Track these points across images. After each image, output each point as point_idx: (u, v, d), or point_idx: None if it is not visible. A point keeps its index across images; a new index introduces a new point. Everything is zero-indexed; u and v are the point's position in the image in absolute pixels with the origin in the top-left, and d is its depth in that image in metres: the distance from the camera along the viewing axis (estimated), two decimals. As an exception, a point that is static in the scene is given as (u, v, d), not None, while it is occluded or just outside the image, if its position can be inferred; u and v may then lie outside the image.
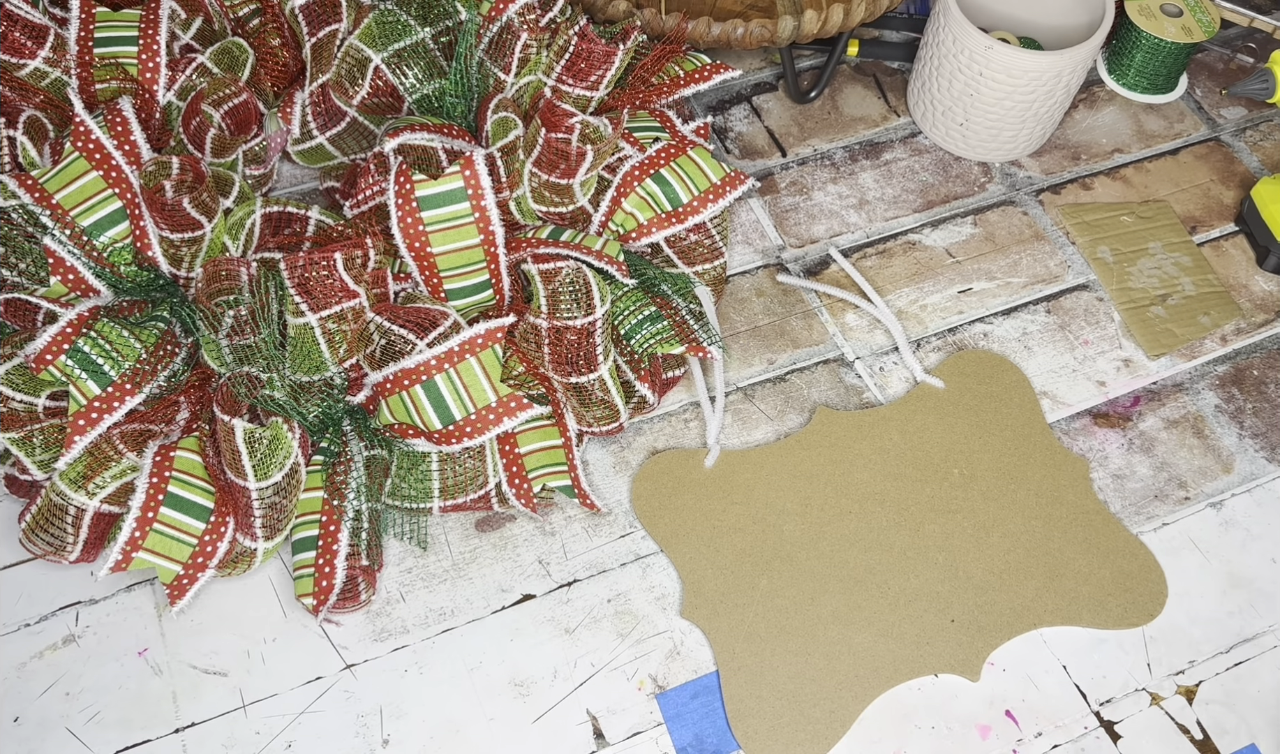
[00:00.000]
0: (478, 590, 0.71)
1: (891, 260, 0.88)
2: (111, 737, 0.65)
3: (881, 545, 0.73)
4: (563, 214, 0.80)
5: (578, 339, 0.70)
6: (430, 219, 0.74)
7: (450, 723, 0.66)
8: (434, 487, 0.72)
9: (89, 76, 0.81)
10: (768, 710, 0.67)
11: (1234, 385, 0.83)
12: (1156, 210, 0.92)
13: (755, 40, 0.88)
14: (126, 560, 0.65)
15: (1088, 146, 0.97)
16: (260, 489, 0.66)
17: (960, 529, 0.74)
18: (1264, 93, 0.99)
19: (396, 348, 0.70)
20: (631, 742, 0.66)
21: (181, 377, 0.72)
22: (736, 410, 0.80)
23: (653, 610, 0.70)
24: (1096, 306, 0.86)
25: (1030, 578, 0.72)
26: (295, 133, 0.88)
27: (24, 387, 0.68)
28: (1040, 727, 0.67)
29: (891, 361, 0.82)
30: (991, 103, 0.89)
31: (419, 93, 0.83)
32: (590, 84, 0.83)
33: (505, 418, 0.71)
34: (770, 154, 0.95)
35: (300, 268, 0.70)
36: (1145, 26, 0.96)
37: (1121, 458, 0.78)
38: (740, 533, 0.73)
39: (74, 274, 0.73)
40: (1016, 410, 0.79)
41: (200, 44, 0.87)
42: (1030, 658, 0.70)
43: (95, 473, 0.67)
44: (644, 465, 0.76)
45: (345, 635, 0.69)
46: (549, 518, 0.74)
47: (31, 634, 0.68)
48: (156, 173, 0.75)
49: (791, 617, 0.70)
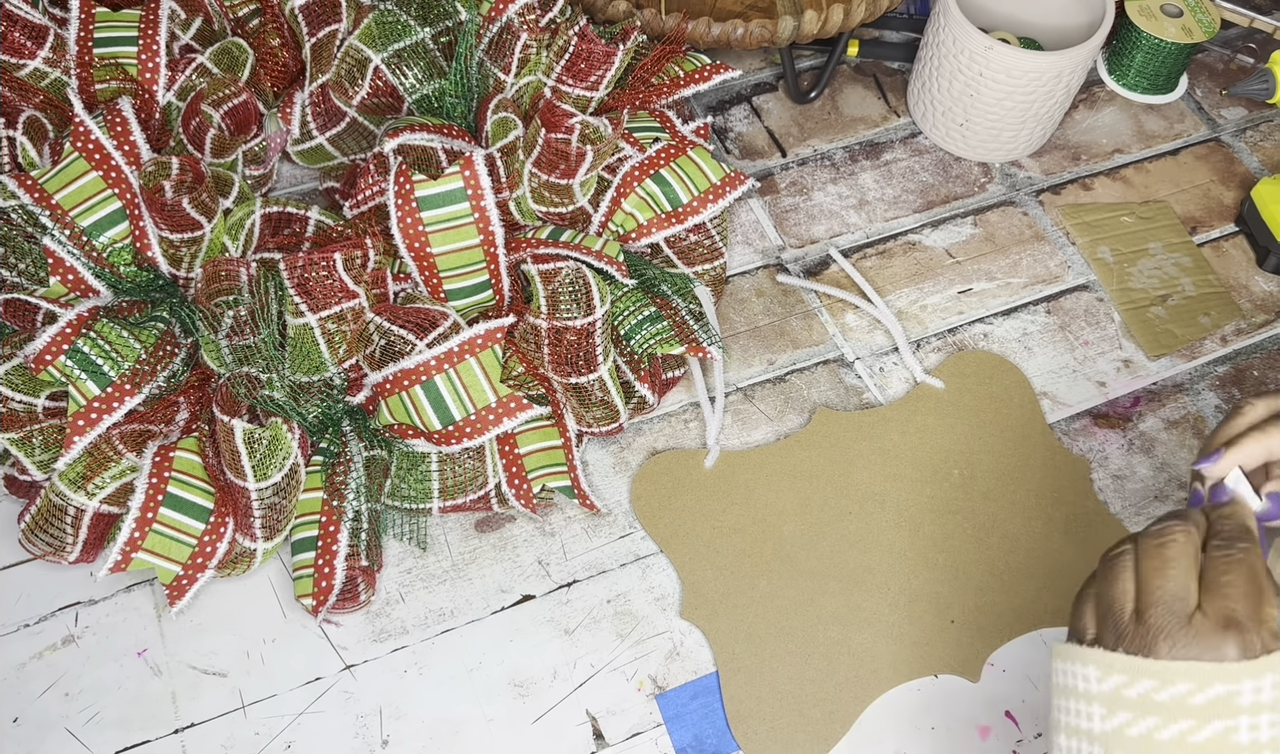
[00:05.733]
0: (477, 591, 0.71)
1: (891, 261, 0.88)
2: (111, 737, 0.65)
3: (881, 546, 0.73)
4: (562, 214, 0.80)
5: (577, 339, 0.70)
6: (430, 219, 0.74)
7: (450, 723, 0.66)
8: (434, 487, 0.72)
9: (89, 77, 0.81)
10: (767, 711, 0.66)
11: (1234, 386, 0.83)
12: (1156, 211, 0.92)
13: (755, 40, 0.88)
14: (126, 561, 0.65)
15: (1088, 147, 0.97)
16: (260, 490, 0.66)
17: (960, 530, 0.74)
18: (1264, 93, 0.99)
19: (396, 348, 0.70)
20: (631, 742, 0.66)
21: (181, 377, 0.72)
22: (736, 411, 0.80)
23: (652, 611, 0.70)
24: (1096, 307, 0.86)
25: (1030, 579, 0.72)
26: (295, 133, 0.88)
27: (23, 387, 0.68)
28: (1040, 727, 0.67)
29: (891, 362, 0.82)
30: (991, 103, 0.89)
31: (419, 93, 0.83)
32: (590, 84, 0.83)
33: (505, 418, 0.71)
34: (770, 154, 0.95)
35: (300, 268, 0.70)
36: (1145, 27, 0.96)
37: (1122, 458, 0.78)
38: (740, 533, 0.73)
39: (73, 274, 0.73)
40: (1016, 411, 0.79)
41: (200, 44, 0.87)
42: (1030, 658, 0.70)
43: (95, 473, 0.67)
44: (644, 466, 0.76)
45: (345, 636, 0.69)
46: (549, 518, 0.74)
47: (31, 634, 0.68)
48: (156, 173, 0.75)
49: (791, 617, 0.70)
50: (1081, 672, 0.46)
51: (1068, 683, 0.47)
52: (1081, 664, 0.46)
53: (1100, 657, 0.45)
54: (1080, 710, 0.46)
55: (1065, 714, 0.47)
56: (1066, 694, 0.47)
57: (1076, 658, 0.46)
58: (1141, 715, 0.44)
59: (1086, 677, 0.46)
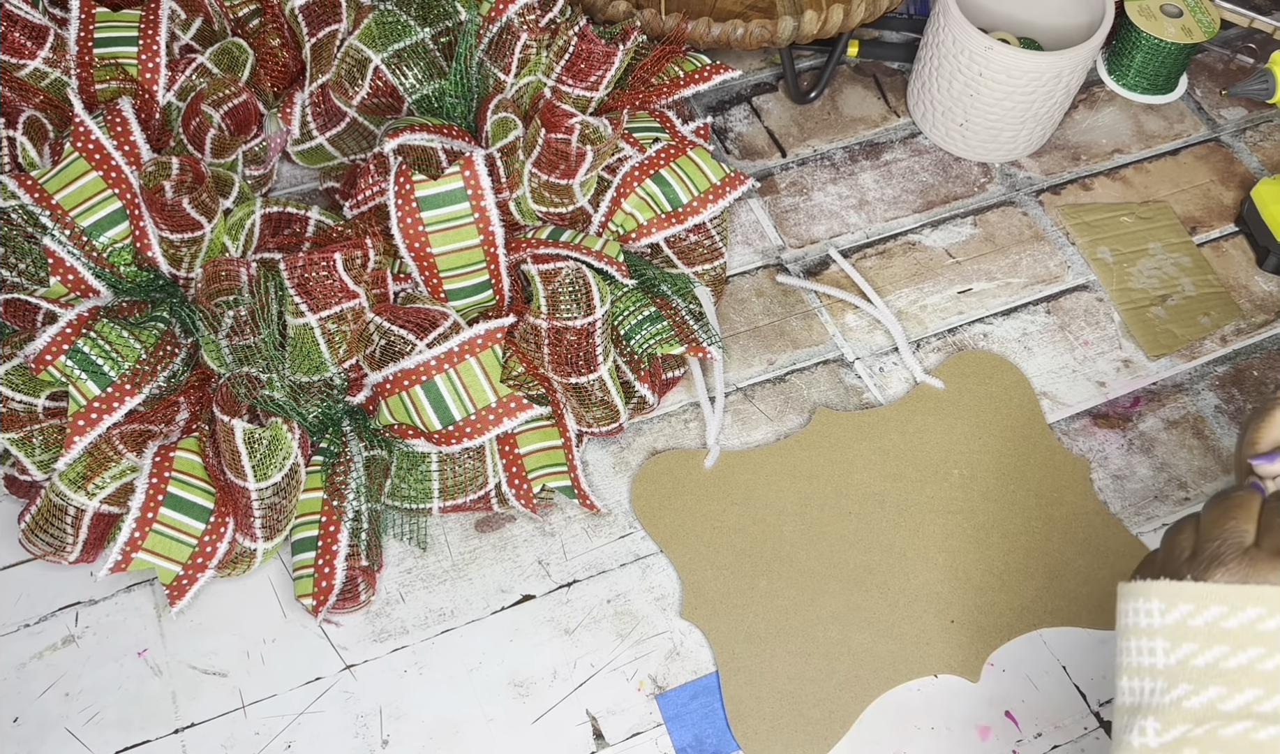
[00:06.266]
0: (477, 591, 0.71)
1: (891, 261, 0.88)
2: (111, 737, 0.65)
3: (881, 546, 0.73)
4: (562, 214, 0.80)
5: (577, 339, 0.70)
6: (430, 219, 0.74)
7: (450, 723, 0.66)
8: (434, 487, 0.72)
9: (89, 77, 0.81)
10: (767, 711, 0.66)
11: (1234, 386, 0.83)
12: (1156, 211, 0.92)
13: (755, 41, 0.88)
14: (126, 561, 0.65)
15: (1088, 147, 0.97)
16: (260, 490, 0.66)
17: (960, 530, 0.74)
18: (1264, 93, 0.99)
19: (396, 348, 0.70)
20: (631, 742, 0.66)
21: (181, 377, 0.72)
22: (736, 411, 0.80)
23: (652, 611, 0.70)
24: (1096, 307, 0.86)
25: (1030, 579, 0.72)
26: (295, 133, 0.88)
27: (24, 387, 0.68)
28: (1040, 727, 0.67)
29: (891, 362, 0.82)
30: (991, 103, 0.89)
31: (419, 93, 0.83)
32: (590, 84, 0.83)
33: (505, 418, 0.71)
34: (770, 154, 0.95)
35: (300, 268, 0.70)
36: (1145, 27, 0.96)
37: (1121, 458, 0.78)
38: (740, 533, 0.73)
39: (74, 274, 0.73)
40: (1016, 411, 0.79)
41: (200, 44, 0.87)
42: (1030, 658, 0.70)
43: (95, 473, 0.67)
44: (644, 466, 0.76)
45: (345, 636, 0.69)
46: (549, 518, 0.74)
47: (31, 634, 0.68)
48: (156, 173, 0.75)
49: (791, 617, 0.70)
50: (1145, 607, 0.45)
51: (1129, 622, 0.46)
52: (1145, 599, 0.45)
53: (1165, 587, 0.44)
54: (1143, 647, 0.45)
55: (1127, 655, 0.46)
56: (1128, 634, 0.46)
57: (1139, 593, 0.45)
58: (1208, 644, 0.43)
59: (1150, 611, 0.45)
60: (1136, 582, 0.46)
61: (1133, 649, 0.45)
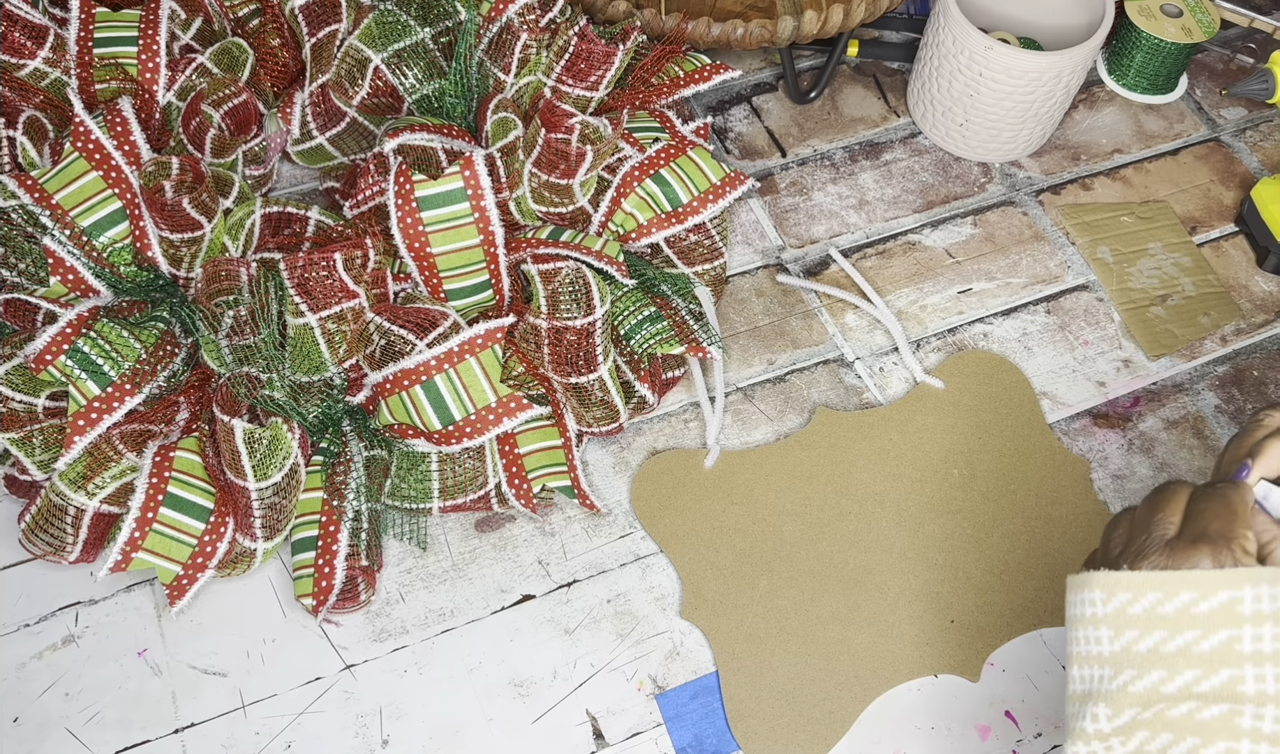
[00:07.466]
0: (477, 591, 0.71)
1: (891, 261, 0.88)
2: (111, 737, 0.65)
3: (881, 546, 0.73)
4: (562, 214, 0.80)
5: (577, 339, 0.70)
6: (430, 219, 0.74)
7: (450, 723, 0.66)
8: (434, 487, 0.72)
9: (89, 77, 0.81)
10: (767, 711, 0.66)
11: (1234, 386, 0.83)
12: (1156, 211, 0.92)
13: (755, 41, 0.88)
14: (126, 561, 0.65)
15: (1088, 147, 0.97)
16: (260, 489, 0.66)
17: (960, 530, 0.74)
18: (1264, 93, 0.99)
19: (396, 348, 0.70)
20: (631, 742, 0.66)
21: (181, 377, 0.72)
22: (736, 411, 0.80)
23: (652, 611, 0.70)
24: (1096, 307, 0.86)
25: (1030, 579, 0.72)
26: (295, 133, 0.88)
27: (24, 387, 0.68)
28: (1040, 727, 0.67)
29: (891, 362, 0.82)
30: (991, 103, 0.89)
31: (419, 93, 0.83)
32: (590, 84, 0.83)
33: (505, 418, 0.71)
34: (770, 154, 0.95)
35: (300, 268, 0.70)
36: (1145, 27, 0.96)
37: (1121, 458, 0.78)
38: (740, 533, 0.73)
39: (74, 274, 0.73)
40: (1016, 411, 0.79)
41: (200, 44, 0.87)
42: (1030, 658, 0.70)
43: (95, 473, 0.67)
44: (644, 466, 0.76)
45: (345, 636, 0.69)
46: (549, 518, 0.74)
47: (31, 634, 0.68)
48: (156, 173, 0.75)
49: (791, 617, 0.70)
50: (1089, 597, 0.47)
51: (1076, 613, 0.48)
52: (1088, 590, 0.47)
53: (1103, 577, 0.46)
54: (1089, 636, 0.47)
55: (1075, 644, 0.48)
56: (1075, 624, 0.48)
57: (1083, 584, 0.47)
58: (1148, 630, 0.44)
59: (1093, 601, 0.46)
60: (1081, 574, 0.48)
61: (1080, 638, 0.47)
